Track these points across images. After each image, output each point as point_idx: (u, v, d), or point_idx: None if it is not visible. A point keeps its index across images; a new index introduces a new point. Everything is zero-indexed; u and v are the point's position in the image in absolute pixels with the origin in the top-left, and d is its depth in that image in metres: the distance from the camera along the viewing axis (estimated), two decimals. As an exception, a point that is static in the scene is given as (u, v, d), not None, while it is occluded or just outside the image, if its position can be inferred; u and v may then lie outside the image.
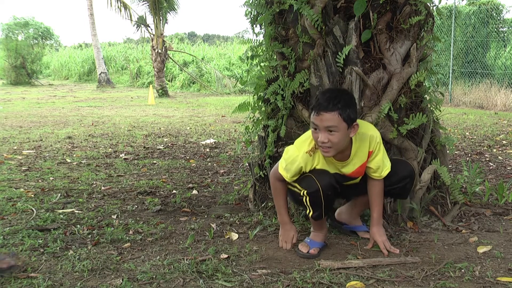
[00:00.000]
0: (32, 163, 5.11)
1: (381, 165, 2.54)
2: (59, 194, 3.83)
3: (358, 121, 2.47)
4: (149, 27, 16.26)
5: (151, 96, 13.32)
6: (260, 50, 3.51)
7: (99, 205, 3.56)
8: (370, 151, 2.51)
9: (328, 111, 2.30)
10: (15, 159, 5.27)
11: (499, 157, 5.33)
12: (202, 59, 20.62)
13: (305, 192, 2.48)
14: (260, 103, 3.43)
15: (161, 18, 16.00)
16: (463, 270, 2.34)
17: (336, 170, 2.55)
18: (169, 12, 16.36)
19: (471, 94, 11.61)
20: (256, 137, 3.51)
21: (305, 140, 2.51)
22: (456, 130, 7.36)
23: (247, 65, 3.68)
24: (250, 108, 3.43)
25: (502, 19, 13.13)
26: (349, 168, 2.54)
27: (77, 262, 2.47)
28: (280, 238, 2.72)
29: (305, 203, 2.50)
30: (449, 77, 12.25)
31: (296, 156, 2.48)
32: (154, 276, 2.31)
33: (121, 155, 5.63)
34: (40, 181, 4.34)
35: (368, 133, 2.50)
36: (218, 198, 3.72)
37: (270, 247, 2.71)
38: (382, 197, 2.61)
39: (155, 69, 16.28)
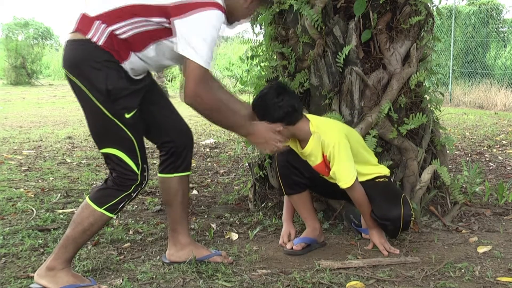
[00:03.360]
0: (32, 163, 5.10)
1: (337, 174, 2.46)
2: (59, 194, 3.83)
3: (330, 124, 2.59)
4: (149, 27, 16.24)
5: (151, 96, 13.26)
6: (260, 50, 3.51)
7: (99, 205, 3.55)
8: (325, 155, 2.51)
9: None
10: (15, 159, 5.27)
11: (499, 157, 5.33)
12: (202, 59, 20.54)
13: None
14: (260, 103, 3.43)
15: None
16: (463, 270, 2.34)
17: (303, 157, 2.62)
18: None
19: (471, 94, 11.60)
20: (256, 137, 3.50)
21: None
22: (456, 130, 7.36)
23: (247, 65, 3.68)
24: (250, 108, 3.43)
25: (502, 19, 13.13)
26: (312, 161, 2.58)
27: (77, 262, 2.47)
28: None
29: None
30: (449, 77, 12.24)
31: None
32: (154, 276, 2.31)
33: (121, 155, 5.61)
34: (40, 181, 4.34)
35: (322, 136, 2.48)
36: (218, 198, 3.72)
37: (270, 247, 2.71)
38: (364, 204, 2.52)
39: (155, 69, 16.26)
